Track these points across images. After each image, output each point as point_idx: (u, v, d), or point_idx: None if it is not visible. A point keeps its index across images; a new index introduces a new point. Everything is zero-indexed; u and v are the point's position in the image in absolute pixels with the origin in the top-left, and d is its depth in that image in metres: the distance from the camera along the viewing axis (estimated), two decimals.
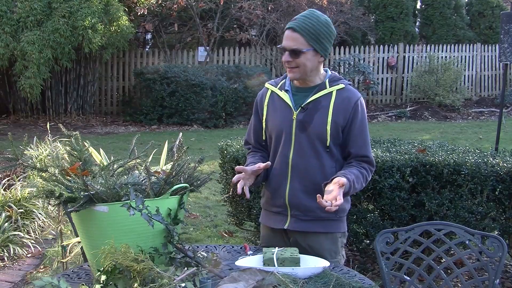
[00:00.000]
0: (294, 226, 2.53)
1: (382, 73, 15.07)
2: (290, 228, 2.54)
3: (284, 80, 2.61)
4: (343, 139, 2.49)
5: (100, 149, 3.92)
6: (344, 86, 2.51)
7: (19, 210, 4.92)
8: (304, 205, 2.50)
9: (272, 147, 2.59)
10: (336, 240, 2.56)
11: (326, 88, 2.50)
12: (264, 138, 2.65)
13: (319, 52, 2.45)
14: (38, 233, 4.98)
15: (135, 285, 1.79)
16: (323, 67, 2.60)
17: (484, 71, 16.01)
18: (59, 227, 4.17)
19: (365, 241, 3.94)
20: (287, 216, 2.55)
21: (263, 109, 2.62)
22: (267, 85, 2.66)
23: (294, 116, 2.50)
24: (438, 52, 15.16)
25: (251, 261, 2.20)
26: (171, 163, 2.16)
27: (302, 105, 2.49)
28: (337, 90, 2.49)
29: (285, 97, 2.55)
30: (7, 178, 5.50)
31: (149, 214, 1.91)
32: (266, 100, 2.62)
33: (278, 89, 2.59)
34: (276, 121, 2.55)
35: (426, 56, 14.94)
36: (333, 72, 2.60)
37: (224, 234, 5.25)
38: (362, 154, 2.49)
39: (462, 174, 3.70)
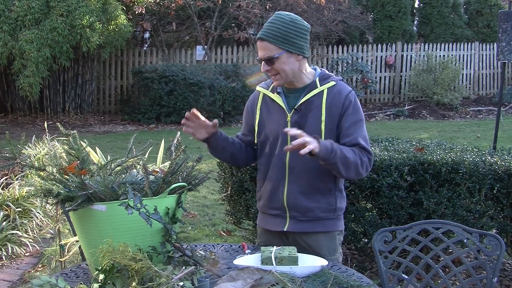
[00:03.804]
0: (293, 228, 2.53)
1: (380, 72, 15.07)
2: (290, 230, 2.53)
3: None
4: (337, 134, 2.47)
5: (97, 148, 3.93)
6: (335, 83, 2.49)
7: (17, 209, 4.92)
8: (302, 206, 2.50)
9: (267, 150, 2.57)
10: (334, 238, 2.57)
11: (317, 87, 2.49)
12: (255, 141, 2.62)
13: (294, 52, 2.41)
14: (36, 232, 4.98)
15: (133, 284, 1.79)
16: (316, 66, 2.59)
17: (482, 69, 16.02)
18: (57, 226, 4.17)
19: (363, 239, 3.94)
20: (286, 218, 2.54)
21: (255, 113, 2.60)
22: (258, 88, 2.64)
23: (288, 118, 2.49)
24: (436, 50, 15.16)
25: (249, 260, 2.20)
26: (169, 161, 2.16)
27: (295, 107, 2.49)
28: (328, 88, 2.48)
29: (278, 99, 2.54)
30: (5, 177, 5.49)
31: (147, 213, 1.91)
32: (259, 104, 2.60)
33: (270, 91, 2.58)
34: (272, 124, 2.53)
35: (424, 55, 14.94)
36: (323, 69, 2.58)
37: (222, 233, 5.25)
38: (354, 143, 2.41)
39: (460, 172, 3.71)
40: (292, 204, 2.51)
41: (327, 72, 2.57)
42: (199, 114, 2.39)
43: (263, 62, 2.42)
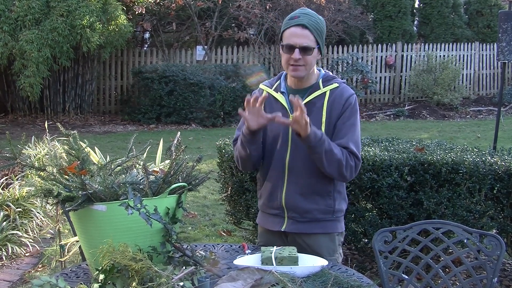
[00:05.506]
0: (291, 228, 2.53)
1: (381, 72, 15.07)
2: (288, 230, 2.54)
3: (279, 81, 2.59)
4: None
5: (96, 148, 3.93)
6: (338, 85, 2.50)
7: (17, 209, 4.92)
8: (300, 207, 2.49)
9: (267, 149, 2.56)
10: (334, 239, 2.57)
11: (320, 88, 2.49)
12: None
13: (321, 50, 2.46)
14: (37, 232, 4.98)
15: (133, 284, 1.79)
16: (320, 66, 2.59)
17: (482, 69, 16.02)
18: (57, 226, 4.17)
19: (363, 240, 3.94)
20: (284, 218, 2.55)
21: None
22: (262, 86, 2.63)
23: (291, 118, 2.48)
24: (436, 51, 15.16)
25: (250, 260, 2.20)
26: (169, 161, 2.16)
27: None
28: (330, 89, 2.48)
29: (282, 99, 2.53)
30: (5, 177, 5.49)
31: (147, 213, 1.91)
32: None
33: (274, 90, 2.58)
34: (273, 124, 2.50)
35: (424, 55, 14.94)
36: (327, 71, 2.59)
37: (223, 233, 5.25)
38: (344, 146, 2.42)
39: (460, 172, 3.71)
40: (290, 205, 2.51)
41: (330, 74, 2.58)
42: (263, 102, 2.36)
43: (296, 50, 2.39)
